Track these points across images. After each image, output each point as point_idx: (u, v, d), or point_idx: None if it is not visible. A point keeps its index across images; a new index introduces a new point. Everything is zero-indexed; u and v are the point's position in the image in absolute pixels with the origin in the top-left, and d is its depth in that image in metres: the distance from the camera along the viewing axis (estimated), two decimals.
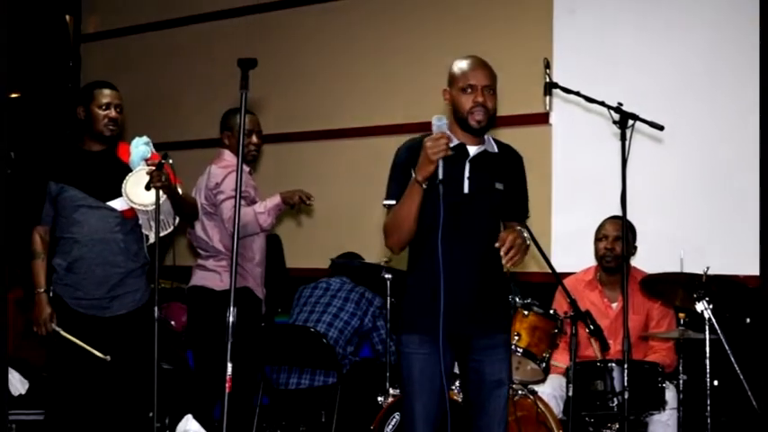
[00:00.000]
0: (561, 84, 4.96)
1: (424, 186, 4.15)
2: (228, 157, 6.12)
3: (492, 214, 4.35)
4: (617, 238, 6.05)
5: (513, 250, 4.04)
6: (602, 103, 4.87)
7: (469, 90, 4.30)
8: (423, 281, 4.26)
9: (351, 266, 6.64)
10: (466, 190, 4.30)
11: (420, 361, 4.28)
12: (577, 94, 4.94)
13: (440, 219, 4.11)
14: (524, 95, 7.10)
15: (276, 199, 6.12)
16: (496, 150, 4.42)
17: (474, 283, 4.25)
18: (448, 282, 4.14)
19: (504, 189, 4.36)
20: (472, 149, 4.37)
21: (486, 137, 4.40)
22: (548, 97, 4.98)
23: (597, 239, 6.18)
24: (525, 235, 4.15)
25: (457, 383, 5.17)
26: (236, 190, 4.31)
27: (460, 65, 4.38)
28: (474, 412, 4.35)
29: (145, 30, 9.67)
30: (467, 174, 4.31)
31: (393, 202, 4.31)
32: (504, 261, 4.05)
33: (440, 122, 4.17)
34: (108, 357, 5.34)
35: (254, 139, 6.14)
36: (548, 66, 4.96)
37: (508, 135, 7.14)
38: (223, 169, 6.04)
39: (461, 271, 4.22)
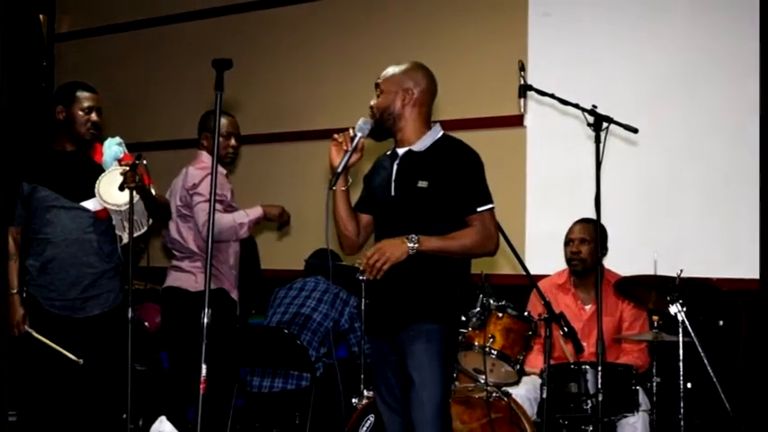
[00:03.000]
0: (536, 86, 4.97)
1: (332, 188, 4.38)
2: (206, 159, 6.10)
3: (417, 213, 4.32)
4: (583, 241, 6.08)
5: (369, 269, 4.24)
6: (576, 106, 4.88)
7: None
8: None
9: (325, 268, 6.62)
10: (392, 192, 4.40)
11: (373, 361, 4.51)
12: (552, 96, 4.95)
13: (326, 214, 4.41)
14: (499, 98, 7.11)
15: (258, 211, 6.12)
16: (425, 148, 4.42)
17: (399, 281, 4.29)
18: (379, 281, 4.30)
19: (429, 186, 4.31)
20: (401, 151, 4.45)
21: (428, 134, 4.45)
22: (522, 99, 4.99)
23: (565, 243, 6.20)
24: (410, 245, 4.22)
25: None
26: (210, 191, 4.30)
27: None
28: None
29: (119, 30, 9.63)
30: (393, 176, 4.41)
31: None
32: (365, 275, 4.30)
33: (362, 124, 4.40)
34: (81, 360, 5.31)
35: (232, 141, 6.13)
36: (522, 68, 4.97)
37: (483, 137, 7.21)
38: (200, 171, 6.01)
39: (390, 271, 4.27)
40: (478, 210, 4.33)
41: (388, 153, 4.52)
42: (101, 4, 9.94)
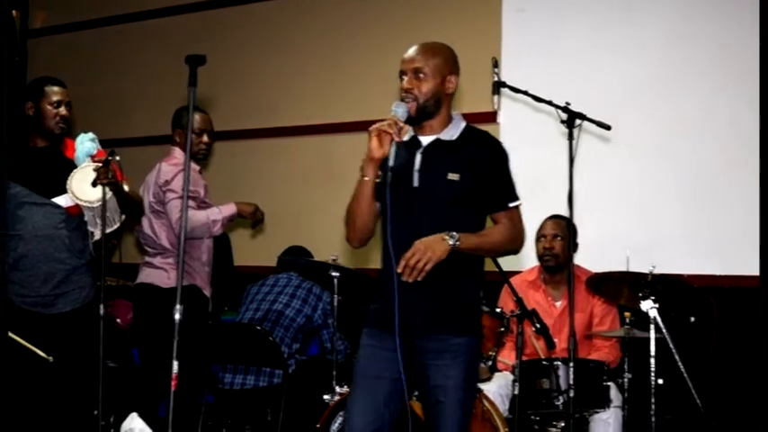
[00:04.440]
0: (509, 83, 4.97)
1: (366, 178, 4.08)
2: (179, 155, 6.08)
3: (447, 207, 4.07)
4: (555, 237, 6.10)
5: (408, 270, 3.94)
6: (549, 103, 4.89)
7: (402, 77, 4.19)
8: (381, 276, 4.18)
9: (298, 264, 6.62)
10: (415, 183, 4.12)
11: (366, 352, 4.16)
12: (525, 93, 4.95)
13: (388, 212, 4.05)
14: (472, 94, 7.09)
15: (232, 209, 6.11)
16: (455, 138, 4.21)
17: (425, 280, 3.98)
18: (397, 279, 3.99)
19: (460, 179, 4.09)
20: (425, 140, 4.21)
21: (453, 123, 4.24)
22: (496, 96, 4.98)
23: (537, 239, 6.22)
24: (451, 242, 3.96)
25: None
26: (183, 188, 4.30)
27: None
28: (427, 420, 4.17)
29: (92, 25, 9.61)
30: (417, 166, 4.13)
31: None
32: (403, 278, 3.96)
33: (397, 108, 4.07)
34: (51, 358, 5.29)
35: (205, 138, 6.12)
36: (496, 65, 4.97)
37: None
38: (173, 167, 6.00)
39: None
40: (510, 206, 4.19)
41: (405, 140, 4.17)
42: (74, 0, 9.90)
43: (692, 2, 6.79)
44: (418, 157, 4.16)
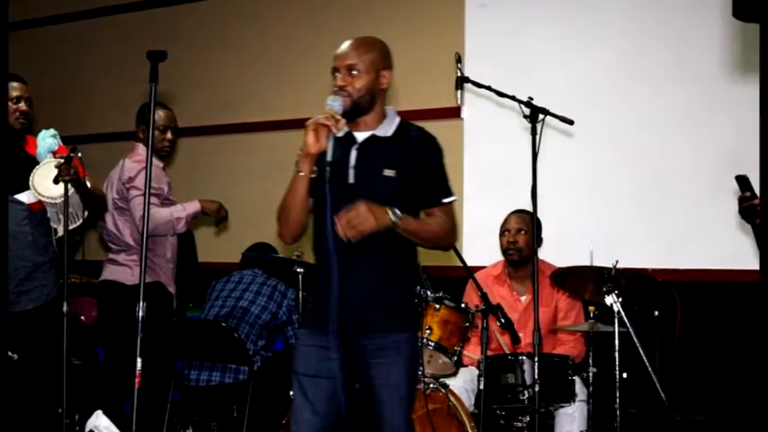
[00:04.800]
0: (473, 78, 4.98)
1: (302, 173, 4.04)
2: (142, 152, 6.03)
3: (382, 203, 3.95)
4: (519, 231, 6.11)
5: (347, 227, 3.86)
6: (512, 98, 4.90)
7: (335, 74, 4.13)
8: (316, 274, 4.15)
9: (262, 260, 6.60)
10: (351, 180, 4.07)
11: (304, 352, 4.10)
12: (488, 88, 4.96)
13: (328, 208, 3.95)
14: (436, 89, 7.13)
15: (195, 206, 6.08)
16: (390, 134, 4.16)
17: (364, 279, 4.01)
18: (333, 275, 3.97)
19: (396, 175, 4.04)
20: (360, 136, 4.15)
21: (387, 119, 4.18)
22: (459, 91, 4.99)
23: (501, 233, 6.23)
24: (393, 218, 3.91)
25: None
26: (145, 185, 4.28)
27: None
28: (374, 419, 4.11)
29: (53, 21, 9.56)
30: (352, 162, 4.08)
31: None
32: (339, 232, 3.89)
33: (333, 102, 4.02)
34: (15, 356, 5.26)
35: (169, 134, 6.08)
36: (459, 60, 4.98)
37: None
38: (137, 164, 5.96)
39: (350, 265, 4.00)
40: (444, 201, 4.15)
41: (340, 136, 4.06)
42: None
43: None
44: (353, 154, 4.11)
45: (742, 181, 4.41)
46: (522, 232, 6.09)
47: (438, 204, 4.14)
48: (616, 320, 5.33)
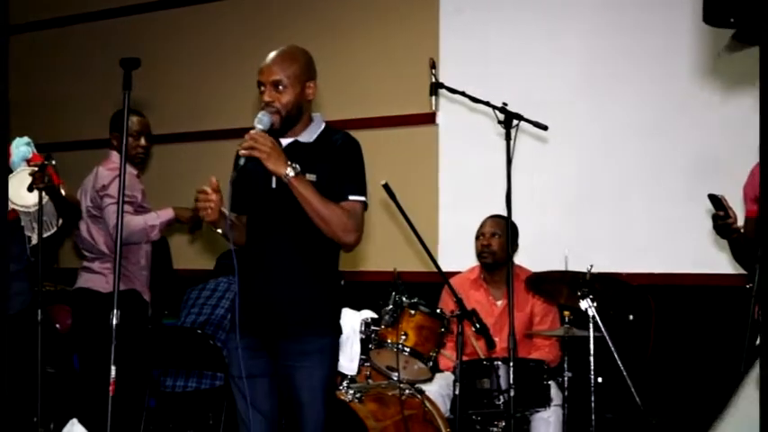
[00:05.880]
0: (447, 84, 4.99)
1: (219, 231, 4.20)
2: (116, 159, 6.01)
3: (301, 210, 4.01)
4: (493, 235, 6.12)
5: (252, 142, 3.97)
6: (486, 104, 4.92)
7: (261, 87, 4.17)
8: (241, 278, 4.12)
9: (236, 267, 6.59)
10: (273, 185, 4.11)
11: (235, 355, 4.07)
12: (463, 94, 4.98)
13: (227, 211, 4.10)
14: (410, 95, 7.14)
15: (169, 213, 6.05)
16: (312, 140, 4.19)
17: (285, 281, 4.07)
18: (257, 279, 4.08)
19: (317, 180, 4.06)
20: (284, 141, 4.16)
21: (312, 125, 4.22)
22: (434, 97, 5.01)
23: (476, 237, 6.25)
24: (289, 171, 3.94)
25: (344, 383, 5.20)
26: (119, 192, 4.27)
27: None
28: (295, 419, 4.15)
29: (25, 29, 9.49)
30: None
31: None
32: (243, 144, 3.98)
33: (263, 117, 4.07)
34: None
35: (142, 141, 6.05)
36: (433, 66, 4.99)
37: (394, 135, 7.25)
38: (110, 171, 5.94)
39: (272, 268, 4.09)
40: (350, 198, 4.11)
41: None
42: (12, 2, 9.77)
43: (624, 3, 6.84)
44: None
45: (715, 200, 4.46)
46: (497, 236, 6.10)
47: (345, 199, 4.11)
48: (591, 325, 5.35)
